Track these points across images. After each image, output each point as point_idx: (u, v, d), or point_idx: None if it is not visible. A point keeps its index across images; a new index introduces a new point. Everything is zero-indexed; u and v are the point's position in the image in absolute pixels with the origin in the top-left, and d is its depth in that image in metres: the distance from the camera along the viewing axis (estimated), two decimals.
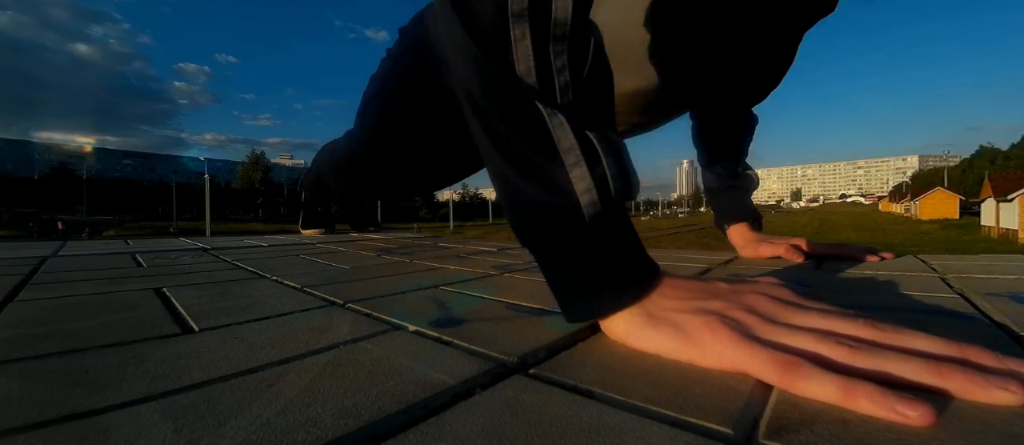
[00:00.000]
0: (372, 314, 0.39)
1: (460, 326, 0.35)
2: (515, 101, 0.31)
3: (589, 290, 0.31)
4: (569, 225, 0.30)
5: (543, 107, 0.30)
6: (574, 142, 0.30)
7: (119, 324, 0.36)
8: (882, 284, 0.49)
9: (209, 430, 0.19)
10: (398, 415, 0.20)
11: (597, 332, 0.33)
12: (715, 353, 0.25)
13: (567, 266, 0.32)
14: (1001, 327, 0.32)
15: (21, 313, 0.41)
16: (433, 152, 0.97)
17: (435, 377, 0.25)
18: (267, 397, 0.22)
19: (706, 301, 0.29)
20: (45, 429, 0.19)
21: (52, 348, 0.30)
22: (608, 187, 0.31)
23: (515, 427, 0.19)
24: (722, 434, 0.18)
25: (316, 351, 0.29)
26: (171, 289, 0.52)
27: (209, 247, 1.09)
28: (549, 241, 0.32)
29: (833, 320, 0.26)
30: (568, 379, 0.24)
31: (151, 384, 0.24)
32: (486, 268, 0.69)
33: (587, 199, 0.30)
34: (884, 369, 0.22)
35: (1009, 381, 0.20)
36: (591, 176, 0.30)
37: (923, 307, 0.39)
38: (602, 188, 0.30)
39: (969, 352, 0.23)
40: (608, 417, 0.20)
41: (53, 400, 0.22)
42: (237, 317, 0.39)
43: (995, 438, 0.18)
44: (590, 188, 0.30)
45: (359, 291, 0.51)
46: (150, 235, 3.70)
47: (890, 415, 0.19)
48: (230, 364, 0.27)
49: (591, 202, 0.30)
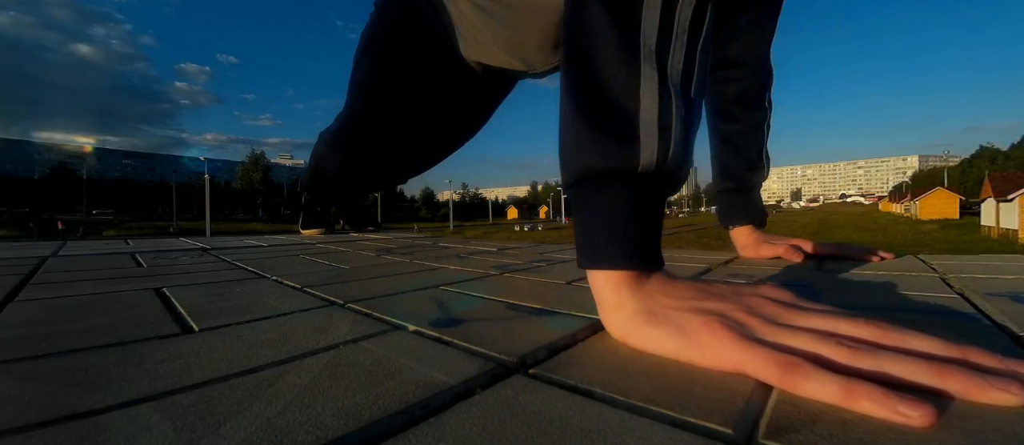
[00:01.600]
0: (372, 314, 0.39)
1: (460, 326, 0.35)
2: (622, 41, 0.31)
3: (609, 240, 0.32)
4: (622, 174, 0.32)
5: (644, 55, 0.31)
6: (657, 101, 0.31)
7: (119, 324, 0.36)
8: (882, 284, 0.49)
9: (209, 430, 0.19)
10: (398, 415, 0.20)
11: (597, 332, 0.33)
12: (715, 353, 0.25)
13: (603, 210, 0.33)
14: (1001, 327, 0.32)
15: (21, 313, 0.41)
16: (426, 110, 0.97)
17: (435, 377, 0.25)
18: (267, 397, 0.22)
19: (707, 302, 0.30)
20: (45, 429, 0.19)
21: (52, 348, 0.30)
22: (667, 153, 0.32)
23: (515, 427, 0.19)
24: (722, 434, 0.18)
25: (316, 351, 0.29)
26: (171, 289, 0.52)
27: (209, 247, 1.09)
28: (596, 181, 0.33)
29: (834, 321, 0.26)
30: (568, 379, 0.24)
31: (151, 384, 0.24)
32: (486, 268, 0.69)
33: (647, 155, 0.31)
34: (885, 370, 0.22)
35: (1010, 382, 0.20)
36: (659, 138, 0.31)
37: (923, 307, 0.39)
38: (662, 153, 0.32)
39: (970, 353, 0.23)
40: (608, 417, 0.20)
41: (53, 400, 0.22)
42: (237, 317, 0.39)
43: (996, 439, 0.18)
44: (654, 152, 0.31)
45: (359, 291, 0.51)
46: (150, 235, 3.70)
47: (891, 415, 0.19)
48: (230, 364, 0.27)
49: (648, 162, 0.32)
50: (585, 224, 0.34)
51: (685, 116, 0.32)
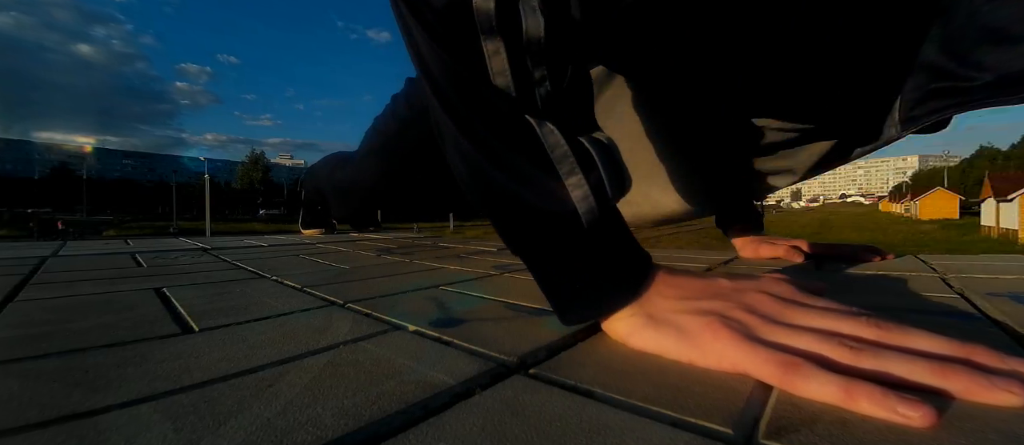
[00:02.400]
0: (372, 314, 0.39)
1: (460, 326, 0.35)
2: (499, 110, 0.30)
3: (587, 293, 0.31)
4: (566, 232, 0.30)
5: (531, 116, 0.30)
6: (567, 149, 0.30)
7: (119, 324, 0.36)
8: (882, 284, 0.49)
9: (209, 430, 0.19)
10: (398, 415, 0.20)
11: (597, 332, 0.33)
12: (716, 354, 0.25)
13: (564, 271, 0.31)
14: (1001, 327, 0.32)
15: (21, 313, 0.41)
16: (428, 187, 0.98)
17: (435, 377, 0.25)
18: (267, 397, 0.22)
19: (707, 301, 0.29)
20: (45, 429, 0.19)
21: (52, 348, 0.30)
22: (605, 191, 0.31)
23: (515, 427, 0.19)
24: (722, 434, 0.18)
25: (316, 351, 0.29)
26: (171, 289, 0.52)
27: (209, 247, 1.09)
28: (544, 248, 0.32)
29: (835, 319, 0.26)
30: (568, 379, 0.24)
31: (151, 384, 0.24)
32: (486, 268, 0.69)
33: (585, 206, 0.30)
34: (886, 369, 0.22)
35: (1012, 382, 0.20)
36: (587, 183, 0.30)
37: (923, 307, 0.39)
38: (599, 193, 0.30)
39: (972, 352, 0.22)
40: (608, 417, 0.20)
41: (53, 400, 0.22)
42: (237, 317, 0.39)
43: (997, 439, 0.18)
44: (587, 195, 0.30)
45: (359, 291, 0.51)
46: (150, 235, 3.70)
47: (891, 416, 0.19)
48: (230, 364, 0.27)
49: (589, 209, 0.30)
50: (548, 287, 0.32)
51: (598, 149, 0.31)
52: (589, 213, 0.30)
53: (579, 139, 0.30)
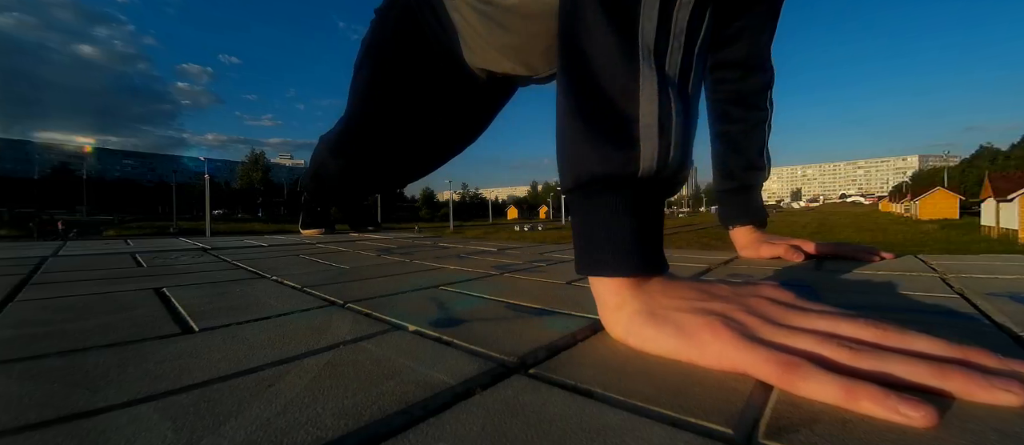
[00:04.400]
0: (372, 314, 0.39)
1: (460, 326, 0.35)
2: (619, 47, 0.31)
3: (611, 247, 0.32)
4: (621, 178, 0.31)
5: (642, 55, 0.31)
6: (656, 102, 0.31)
7: (119, 324, 0.36)
8: (882, 284, 0.49)
9: (209, 430, 0.19)
10: (398, 415, 0.20)
11: (597, 332, 0.33)
12: (715, 353, 0.25)
13: (604, 215, 0.33)
14: (1001, 327, 0.32)
15: (21, 313, 0.41)
16: (426, 116, 0.97)
17: (435, 377, 0.25)
18: (267, 397, 0.22)
19: (707, 302, 0.29)
20: (45, 429, 0.19)
21: (52, 348, 0.30)
22: (668, 156, 0.32)
23: (515, 427, 0.19)
24: (722, 434, 0.18)
25: (316, 351, 0.29)
26: (171, 289, 0.52)
27: (209, 247, 1.09)
28: (596, 186, 0.33)
29: (835, 321, 0.26)
30: (568, 379, 0.24)
31: (151, 384, 0.24)
32: (486, 268, 0.69)
33: (647, 159, 0.31)
34: (886, 370, 0.22)
35: (1011, 382, 0.20)
36: (659, 142, 0.31)
37: (923, 307, 0.39)
38: (662, 155, 0.31)
39: (971, 353, 0.23)
40: (608, 417, 0.20)
41: (53, 400, 0.22)
42: (237, 317, 0.39)
43: (997, 439, 0.18)
44: (654, 156, 0.31)
45: (359, 291, 0.51)
46: (150, 235, 3.70)
47: (892, 416, 0.19)
48: (230, 364, 0.27)
49: (648, 166, 0.31)
50: (585, 230, 0.34)
51: (684, 118, 0.32)
52: (648, 167, 0.31)
53: (672, 102, 0.31)
